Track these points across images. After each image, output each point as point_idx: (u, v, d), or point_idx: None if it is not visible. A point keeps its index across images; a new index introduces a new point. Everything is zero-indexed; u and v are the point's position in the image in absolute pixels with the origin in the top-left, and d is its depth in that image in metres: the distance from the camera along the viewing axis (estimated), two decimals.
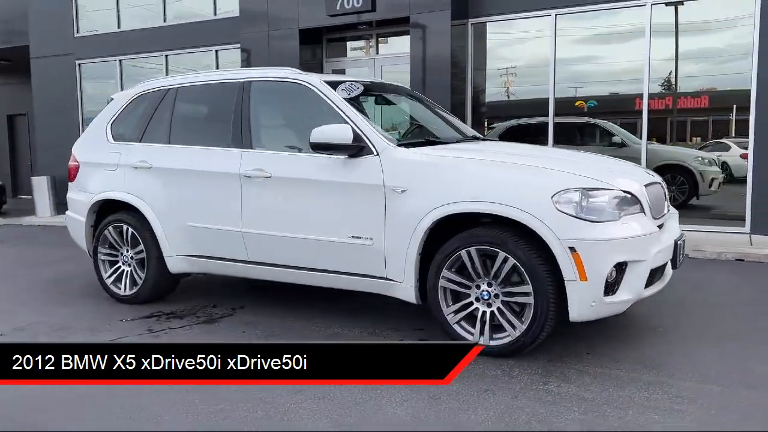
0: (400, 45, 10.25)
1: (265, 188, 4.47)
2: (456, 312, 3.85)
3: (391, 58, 10.34)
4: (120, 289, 5.24)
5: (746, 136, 8.18)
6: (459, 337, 3.84)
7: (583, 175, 3.70)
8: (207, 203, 4.75)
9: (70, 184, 5.67)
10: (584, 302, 3.52)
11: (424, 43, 9.33)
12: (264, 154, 4.55)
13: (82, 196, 5.46)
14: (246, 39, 10.80)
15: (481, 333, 3.76)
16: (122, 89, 11.37)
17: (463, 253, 3.76)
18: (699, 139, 9.16)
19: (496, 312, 3.73)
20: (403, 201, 3.95)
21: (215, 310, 4.95)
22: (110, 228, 5.23)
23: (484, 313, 3.77)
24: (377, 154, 4.08)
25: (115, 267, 5.30)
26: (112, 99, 5.63)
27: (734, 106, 8.78)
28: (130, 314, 4.88)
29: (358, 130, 4.13)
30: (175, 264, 5.00)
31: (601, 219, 3.54)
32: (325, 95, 4.40)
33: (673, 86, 8.86)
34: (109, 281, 5.30)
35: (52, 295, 5.64)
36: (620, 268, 3.56)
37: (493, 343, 3.74)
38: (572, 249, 3.47)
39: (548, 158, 3.97)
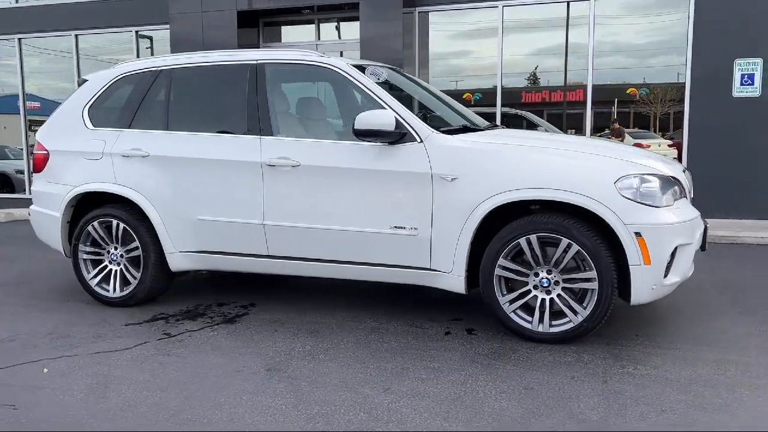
0: (345, 31, 10.04)
1: (293, 177, 4.20)
2: (512, 301, 3.82)
3: (335, 45, 10.10)
4: (108, 290, 4.75)
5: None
6: (516, 326, 3.81)
7: (634, 161, 3.78)
8: (220, 194, 4.40)
9: (35, 175, 5.06)
10: (646, 286, 3.60)
11: (374, 29, 9.19)
12: (288, 141, 4.27)
13: (54, 189, 4.88)
14: (176, 19, 10.13)
15: (540, 321, 3.76)
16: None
17: (523, 241, 3.73)
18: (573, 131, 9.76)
19: (556, 299, 3.74)
20: (455, 189, 3.85)
21: (226, 309, 4.61)
22: (95, 224, 4.72)
23: (543, 300, 3.76)
24: (421, 141, 3.95)
25: (100, 267, 4.79)
26: (86, 81, 5.06)
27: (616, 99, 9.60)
28: (129, 318, 4.44)
29: (398, 116, 3.98)
30: (177, 261, 4.59)
31: (660, 204, 3.63)
32: (356, 80, 4.20)
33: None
34: (93, 282, 4.78)
35: (24, 299, 5.01)
36: (673, 251, 3.68)
37: (553, 330, 3.74)
38: (638, 234, 3.53)
39: (593, 145, 4.00)
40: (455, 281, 3.94)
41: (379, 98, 4.11)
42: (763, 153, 8.40)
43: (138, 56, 10.96)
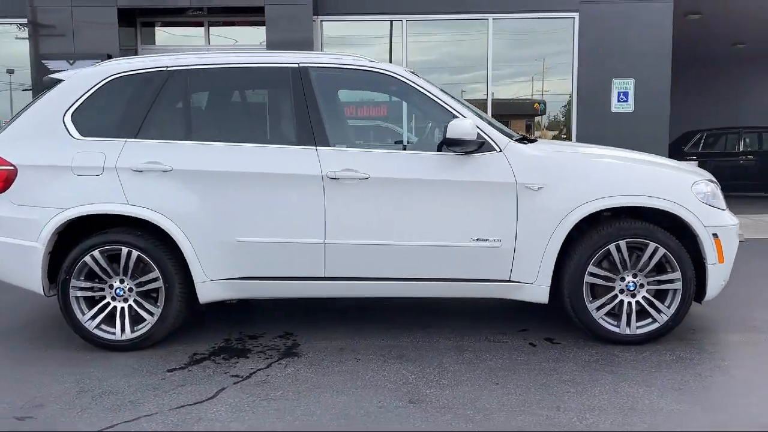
0: (238, 36, 9.46)
1: (361, 191, 3.86)
2: (599, 307, 3.90)
3: (226, 50, 9.44)
4: (112, 332, 3.94)
5: None
6: (604, 331, 3.90)
7: (689, 169, 4.08)
8: (267, 212, 3.89)
9: None
10: (718, 282, 3.92)
11: (282, 35, 8.77)
12: (352, 152, 3.93)
13: (28, 213, 3.94)
14: (37, 11, 8.74)
15: (627, 324, 3.89)
16: None
17: (612, 247, 3.83)
18: None
19: (642, 301, 3.89)
20: (541, 198, 3.84)
21: (268, 341, 4.07)
22: (94, 253, 3.89)
23: (629, 304, 3.89)
24: (500, 151, 3.89)
25: (100, 305, 3.96)
26: (59, 81, 4.16)
27: None
28: (163, 362, 3.73)
29: (477, 125, 3.88)
30: (208, 292, 3.97)
31: (724, 207, 3.98)
32: (421, 88, 4.01)
33: None
34: (91, 325, 3.94)
35: (19, 353, 3.97)
36: None
37: (639, 331, 3.89)
38: (715, 235, 3.83)
39: (644, 155, 4.24)
40: (539, 291, 3.92)
41: (450, 107, 3.96)
42: None
43: None
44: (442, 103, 3.97)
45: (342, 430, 2.86)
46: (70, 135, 3.99)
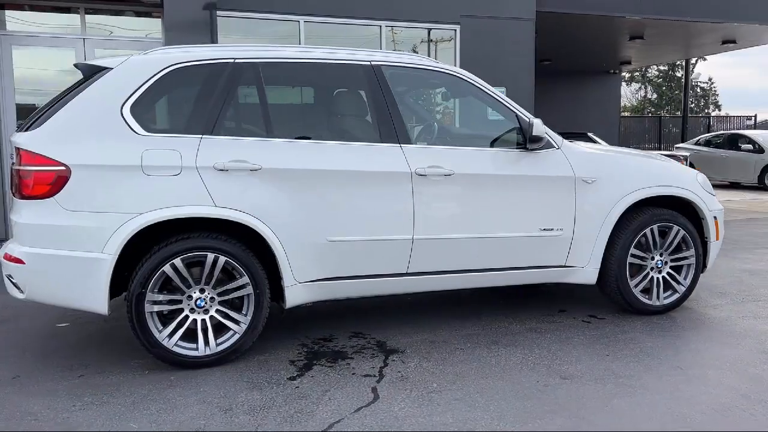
0: (121, 25, 8.63)
1: (445, 187, 4.00)
2: (637, 284, 4.49)
3: (106, 41, 8.57)
4: (193, 348, 3.59)
5: None
6: (641, 305, 4.51)
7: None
8: (360, 210, 3.84)
9: (33, 203, 3.42)
10: (713, 256, 4.74)
11: (180, 29, 8.21)
12: (436, 149, 4.04)
13: (90, 221, 3.42)
14: None
15: (657, 297, 4.54)
16: None
17: (648, 231, 4.45)
18: None
19: (667, 277, 4.57)
20: (595, 190, 4.32)
21: (347, 342, 4.00)
22: (175, 262, 3.51)
23: (657, 279, 4.54)
24: (558, 148, 4.30)
25: (179, 319, 3.58)
26: (104, 69, 3.65)
27: None
28: (258, 374, 3.50)
29: None
30: (296, 295, 3.81)
31: (714, 194, 4.82)
32: (488, 90, 4.28)
33: None
34: (170, 342, 3.55)
35: (105, 378, 3.33)
36: None
37: (665, 302, 4.57)
38: (715, 217, 4.65)
39: (651, 154, 4.94)
40: (590, 274, 4.40)
41: (513, 107, 4.28)
42: None
43: None
44: (506, 104, 4.27)
45: (537, 408, 3.03)
46: (132, 130, 3.54)
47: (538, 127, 4.07)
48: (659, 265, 4.54)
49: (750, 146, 16.21)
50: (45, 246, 3.42)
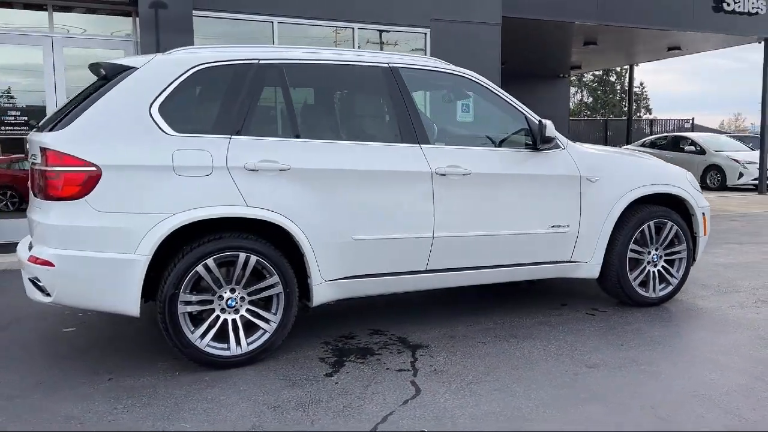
0: (93, 23, 8.42)
1: (463, 186, 4.12)
2: (635, 278, 4.73)
3: (76, 39, 8.34)
4: (225, 348, 3.60)
5: None
6: (640, 297, 4.75)
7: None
8: (383, 209, 3.92)
9: (62, 204, 3.36)
10: (701, 250, 5.04)
11: (159, 29, 8.08)
12: (454, 149, 4.16)
13: (122, 221, 3.38)
14: None
15: (653, 289, 4.79)
16: None
17: (646, 227, 4.70)
18: None
19: (662, 270, 4.83)
20: (598, 188, 4.53)
21: (368, 339, 4.07)
22: (208, 262, 3.52)
23: (653, 272, 4.79)
24: (564, 148, 4.49)
25: (210, 319, 3.58)
26: (128, 68, 3.61)
27: None
28: (292, 372, 3.55)
29: None
30: (322, 293, 3.86)
31: (701, 191, 5.12)
32: (497, 92, 4.42)
33: None
34: (202, 342, 3.54)
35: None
36: None
37: (660, 294, 4.83)
38: (703, 214, 4.95)
39: (641, 154, 5.20)
40: (593, 269, 4.61)
41: (522, 109, 4.44)
42: None
43: None
44: (516, 106, 4.42)
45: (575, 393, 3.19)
46: (162, 131, 3.52)
47: (551, 128, 4.24)
48: (655, 259, 4.79)
49: (693, 148, 17.05)
50: (75, 248, 3.37)
